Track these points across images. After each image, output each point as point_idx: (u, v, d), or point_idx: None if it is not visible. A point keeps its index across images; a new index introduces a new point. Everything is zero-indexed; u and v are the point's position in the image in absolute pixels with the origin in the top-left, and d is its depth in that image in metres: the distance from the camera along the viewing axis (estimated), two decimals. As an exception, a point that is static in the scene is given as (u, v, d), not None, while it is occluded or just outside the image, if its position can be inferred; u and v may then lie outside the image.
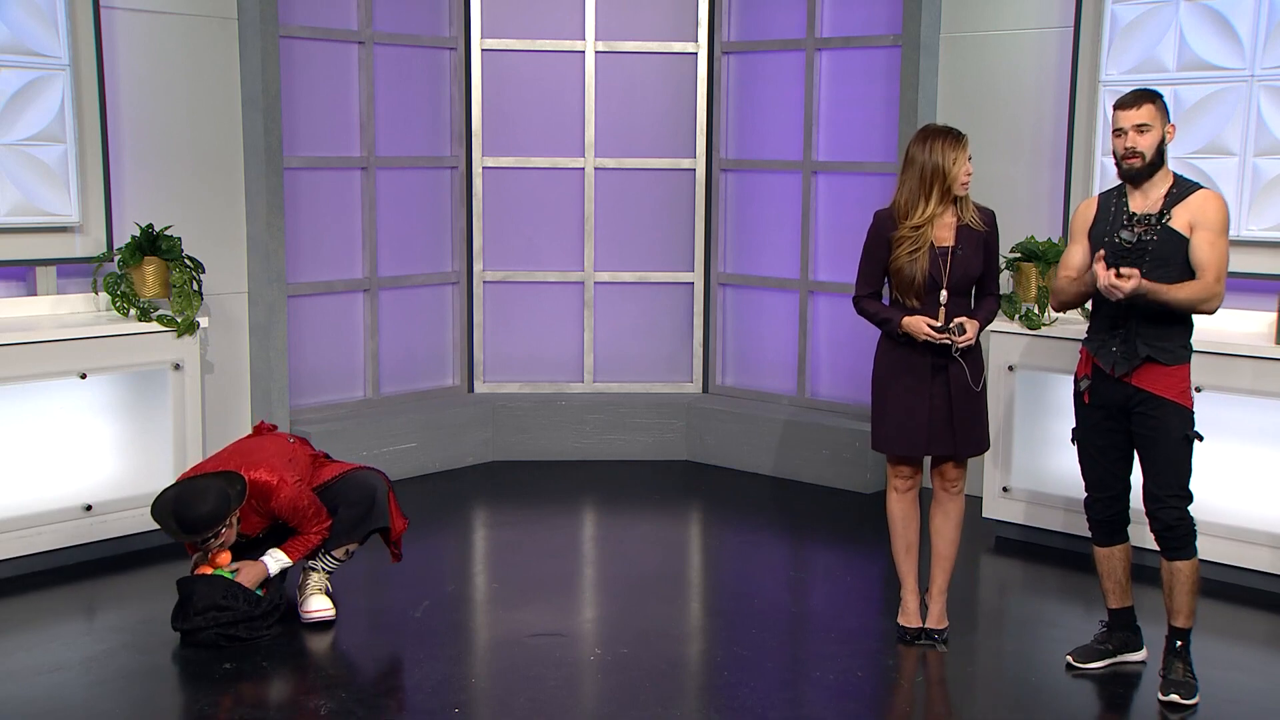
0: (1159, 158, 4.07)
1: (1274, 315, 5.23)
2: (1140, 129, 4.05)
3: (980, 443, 4.49)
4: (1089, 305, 4.37)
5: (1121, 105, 4.10)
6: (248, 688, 4.19)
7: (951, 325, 4.32)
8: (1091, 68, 5.83)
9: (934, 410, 4.40)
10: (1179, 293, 3.98)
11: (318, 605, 4.71)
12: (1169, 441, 4.07)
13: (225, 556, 4.59)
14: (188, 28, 6.04)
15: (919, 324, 4.33)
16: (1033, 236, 5.77)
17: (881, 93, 6.69)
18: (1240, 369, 5.07)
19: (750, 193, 7.28)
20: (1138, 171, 4.08)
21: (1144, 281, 3.95)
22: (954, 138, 4.32)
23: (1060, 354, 5.47)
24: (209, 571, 4.55)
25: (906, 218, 4.36)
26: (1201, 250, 4.01)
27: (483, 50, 7.18)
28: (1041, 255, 5.65)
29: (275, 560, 4.64)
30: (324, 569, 4.76)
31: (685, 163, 7.33)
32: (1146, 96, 4.08)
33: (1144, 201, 4.11)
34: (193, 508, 4.39)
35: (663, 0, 7.25)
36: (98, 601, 5.07)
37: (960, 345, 4.32)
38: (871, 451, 6.47)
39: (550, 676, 4.28)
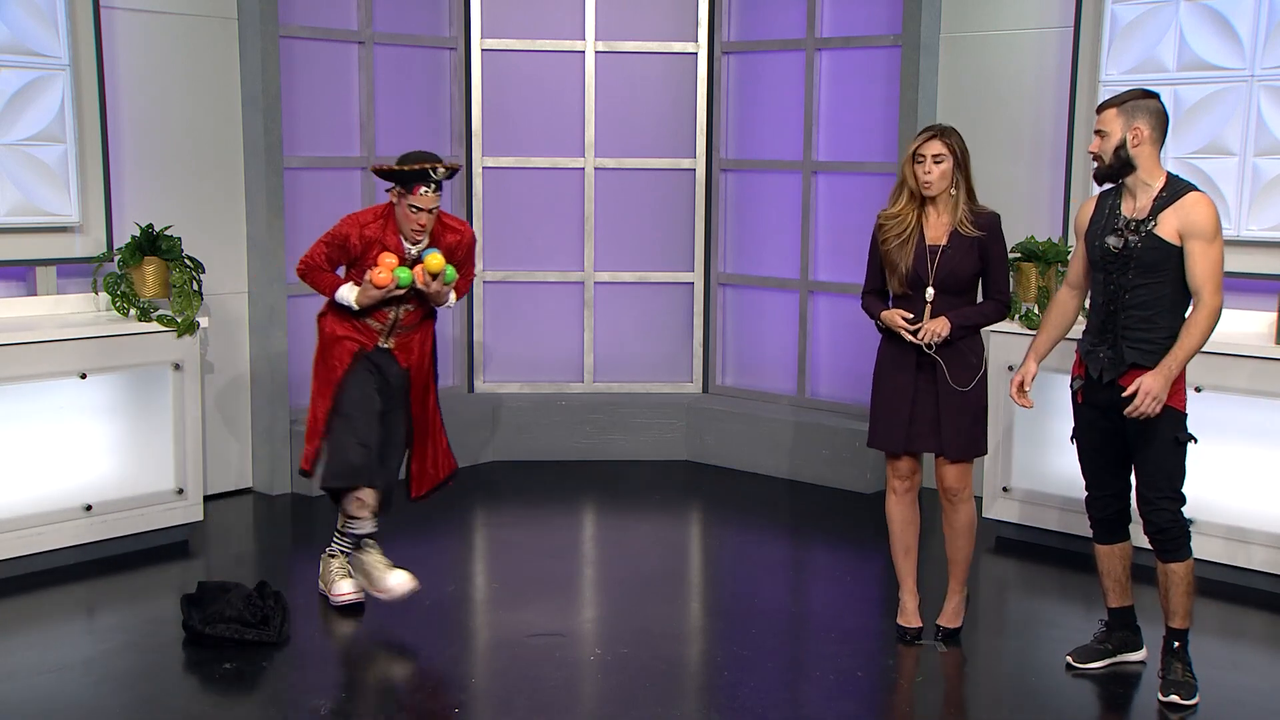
0: (1119, 161, 4.04)
1: (1274, 315, 5.23)
2: (1098, 134, 4.08)
3: (969, 446, 4.44)
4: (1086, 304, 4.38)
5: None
6: (248, 688, 4.19)
7: (923, 324, 4.35)
8: (1091, 68, 5.83)
9: (918, 407, 4.42)
10: (1189, 349, 3.96)
11: (347, 589, 4.78)
12: (1159, 444, 4.05)
13: (437, 261, 4.62)
14: (188, 28, 6.05)
15: (894, 316, 4.38)
16: (1033, 236, 5.77)
17: (881, 93, 6.69)
18: (1240, 369, 5.07)
19: (750, 193, 7.28)
20: (1098, 174, 4.11)
21: (1146, 382, 3.93)
22: (924, 138, 4.36)
23: (1060, 354, 5.45)
24: (393, 268, 4.55)
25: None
26: (1195, 267, 3.98)
27: (483, 50, 7.18)
28: (1041, 255, 5.65)
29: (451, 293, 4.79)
30: (341, 550, 4.84)
31: (685, 163, 7.33)
32: (1110, 102, 4.08)
33: (1134, 205, 4.09)
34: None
35: (663, 0, 7.25)
36: (98, 601, 5.07)
37: (928, 341, 4.33)
38: (872, 452, 6.49)
39: (550, 676, 4.28)
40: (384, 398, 4.76)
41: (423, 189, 4.53)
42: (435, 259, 4.62)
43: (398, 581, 4.69)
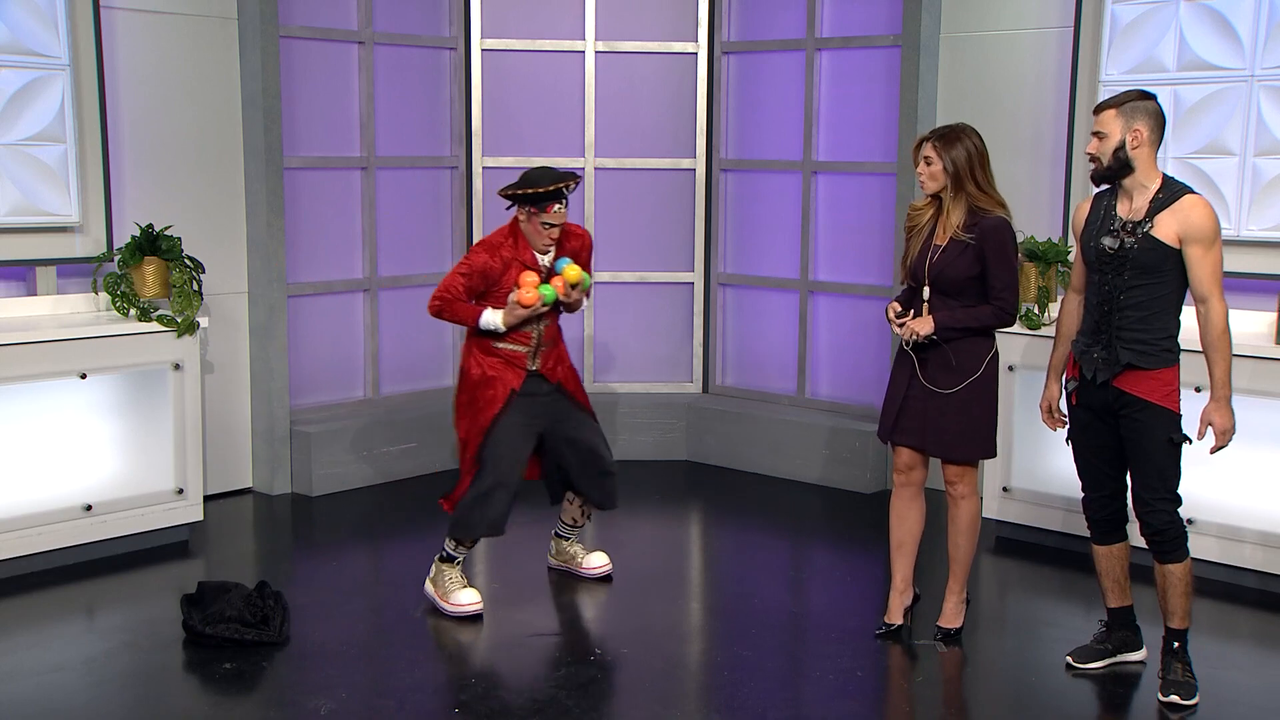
0: (1118, 163, 4.03)
1: (1274, 315, 5.23)
2: (1096, 135, 4.07)
3: (955, 447, 4.42)
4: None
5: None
6: (248, 688, 4.19)
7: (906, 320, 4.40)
8: (1091, 68, 5.83)
9: (909, 401, 4.46)
10: (1227, 365, 4.02)
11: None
12: (1154, 445, 4.05)
13: (576, 271, 4.75)
14: (188, 28, 6.05)
15: (888, 308, 4.45)
16: (1033, 236, 5.77)
17: (881, 93, 6.69)
18: (1240, 369, 5.05)
19: (750, 193, 7.28)
20: (1095, 175, 4.11)
21: (1216, 422, 4.04)
22: (923, 136, 4.42)
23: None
24: (536, 285, 4.63)
25: None
26: (1197, 271, 3.98)
27: (483, 50, 7.18)
28: (1041, 255, 5.65)
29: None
30: (452, 557, 4.89)
31: (685, 163, 7.33)
32: (1109, 103, 4.07)
33: (1130, 206, 4.08)
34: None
35: (663, 0, 7.25)
36: (98, 601, 5.07)
37: (905, 337, 4.36)
38: (872, 452, 6.51)
39: (550, 676, 4.28)
40: (543, 420, 4.86)
41: (556, 206, 4.65)
42: (573, 269, 4.74)
43: (600, 562, 5.24)
